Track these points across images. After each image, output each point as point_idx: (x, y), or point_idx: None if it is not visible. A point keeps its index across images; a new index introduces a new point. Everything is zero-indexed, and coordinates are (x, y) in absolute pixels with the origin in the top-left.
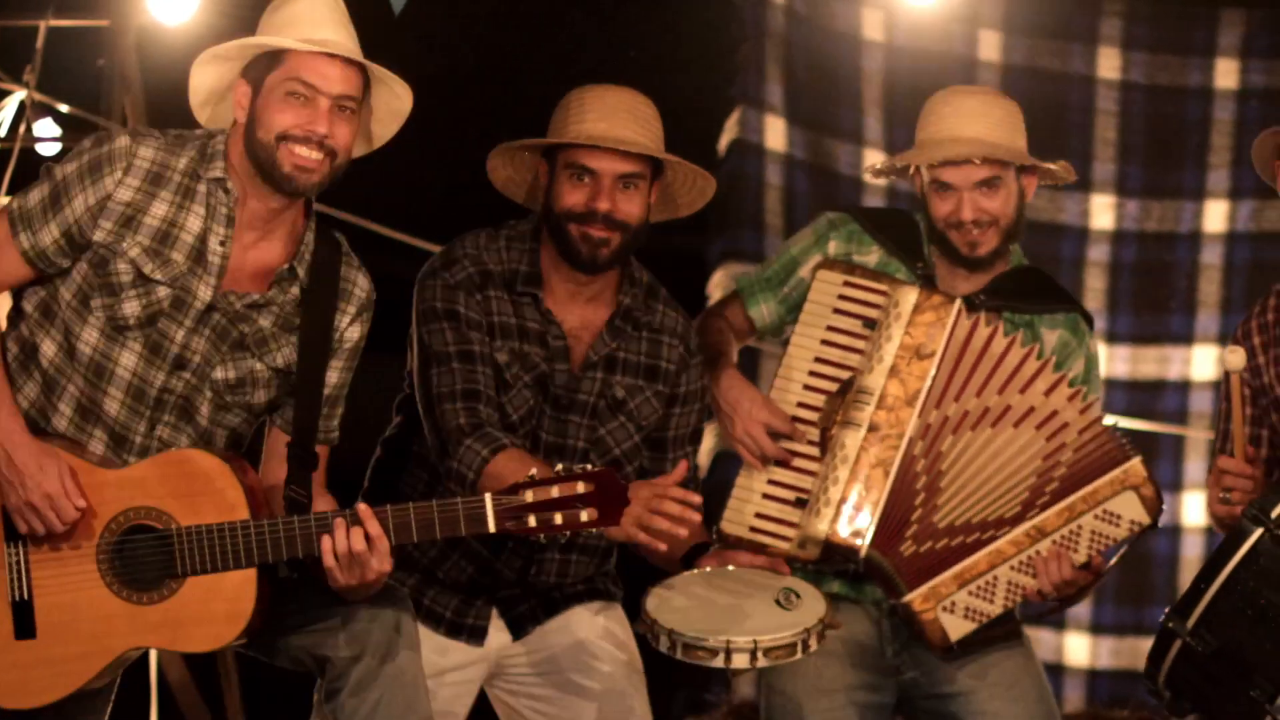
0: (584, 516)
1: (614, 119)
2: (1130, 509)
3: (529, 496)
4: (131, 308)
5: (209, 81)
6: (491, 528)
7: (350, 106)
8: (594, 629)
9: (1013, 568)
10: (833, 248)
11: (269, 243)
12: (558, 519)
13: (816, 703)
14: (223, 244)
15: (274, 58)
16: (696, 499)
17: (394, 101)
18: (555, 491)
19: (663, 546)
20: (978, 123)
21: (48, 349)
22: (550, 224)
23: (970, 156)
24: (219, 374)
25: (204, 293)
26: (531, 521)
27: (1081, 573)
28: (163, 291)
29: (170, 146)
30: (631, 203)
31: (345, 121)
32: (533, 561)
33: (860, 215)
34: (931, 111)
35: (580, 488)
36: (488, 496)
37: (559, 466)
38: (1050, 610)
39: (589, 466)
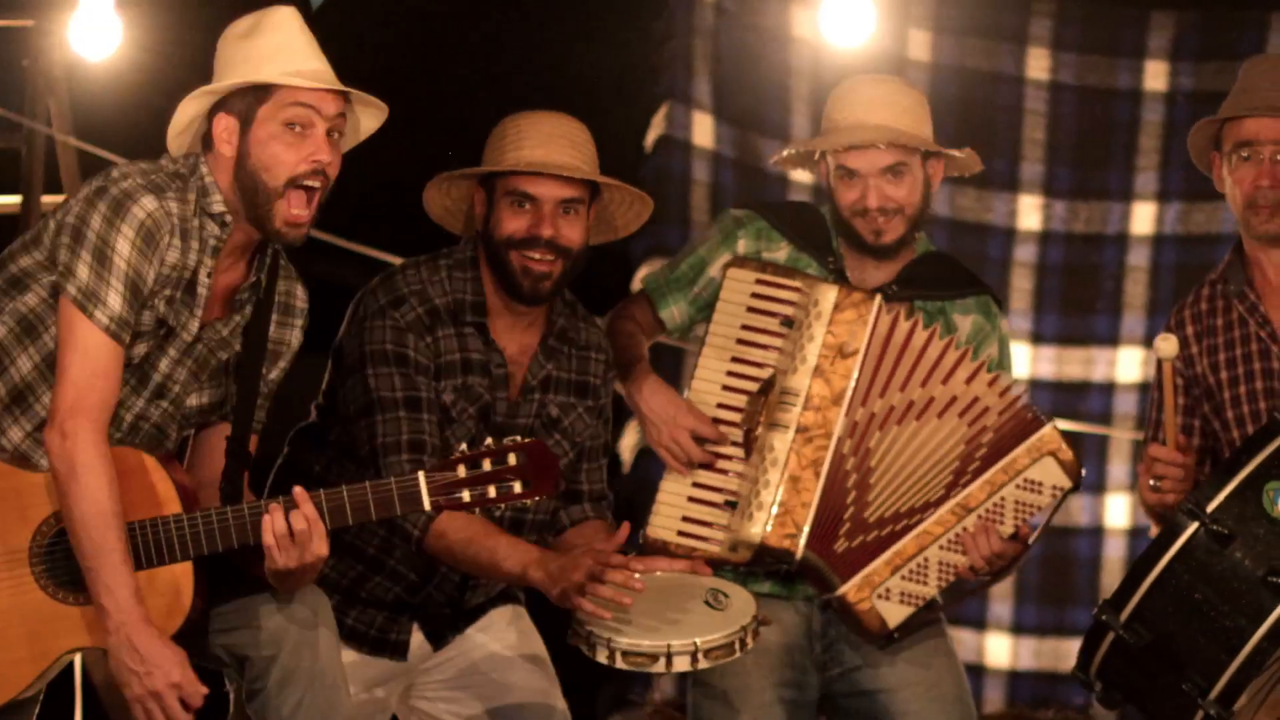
0: (517, 488)
1: (551, 145)
2: (1050, 475)
3: (462, 471)
4: (140, 349)
5: (191, 113)
6: (427, 505)
7: (341, 130)
8: (510, 632)
9: (942, 547)
10: (741, 245)
11: (239, 265)
12: (491, 492)
13: (744, 700)
14: (209, 275)
15: (261, 90)
16: (639, 583)
17: (369, 121)
18: (487, 464)
19: (607, 615)
20: (884, 110)
21: (23, 364)
22: (490, 252)
23: (876, 142)
24: (193, 401)
25: (194, 325)
26: (466, 496)
27: (1010, 544)
28: (163, 330)
29: (180, 194)
30: (573, 228)
31: (334, 146)
32: (467, 587)
33: (767, 211)
34: (838, 99)
35: (511, 459)
36: (421, 474)
37: (489, 440)
38: (983, 585)
39: (519, 439)
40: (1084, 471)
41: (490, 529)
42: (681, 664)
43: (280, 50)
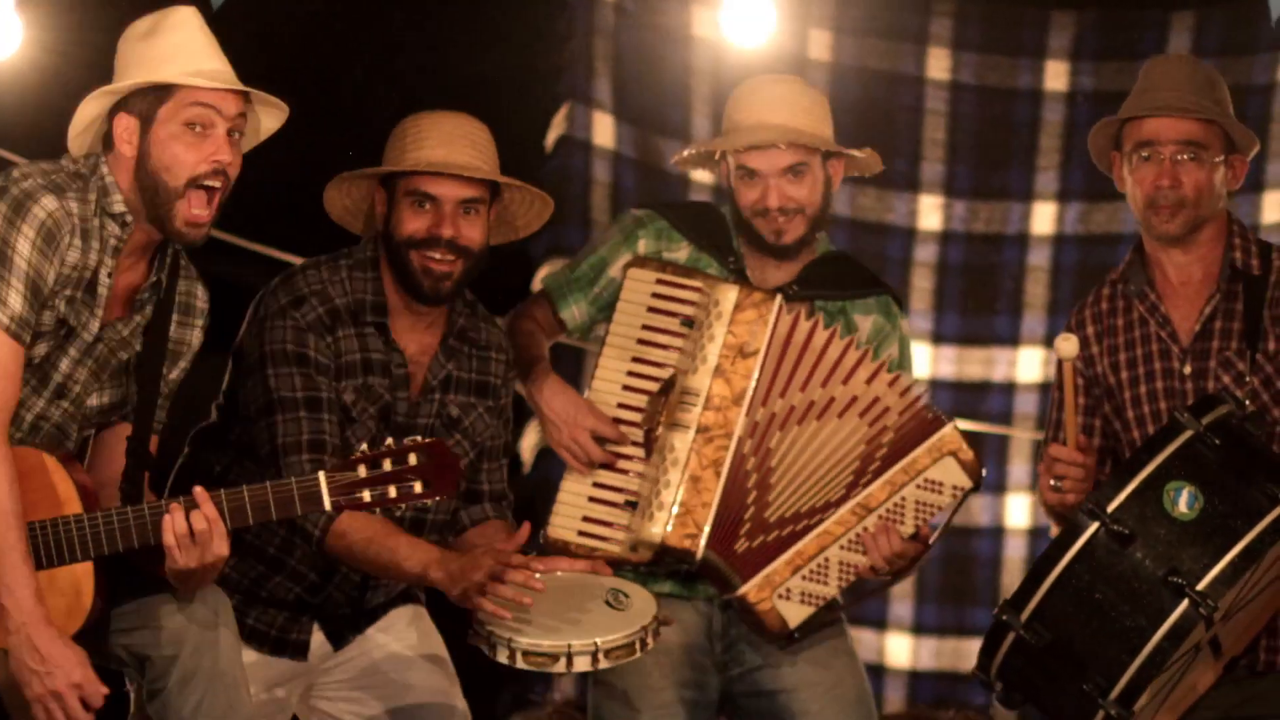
0: (417, 488)
1: (452, 145)
2: (951, 475)
3: (362, 471)
4: (41, 350)
5: (91, 113)
6: (327, 505)
7: (241, 129)
8: (411, 632)
9: (842, 547)
10: (642, 245)
11: (139, 265)
12: (392, 492)
13: (645, 700)
14: (109, 275)
15: (162, 91)
16: (539, 584)
17: (269, 121)
18: (387, 464)
19: (507, 615)
20: (784, 110)
21: None
22: (390, 251)
23: (776, 142)
24: (94, 401)
25: (94, 325)
26: (366, 496)
27: (910, 544)
28: (64, 330)
29: (81, 194)
30: (473, 228)
31: (235, 146)
32: (367, 587)
33: (667, 211)
34: (739, 99)
35: (411, 459)
36: (322, 474)
37: (389, 440)
38: (884, 585)
39: (419, 439)
40: (984, 471)
41: (391, 529)
42: (582, 664)
43: (180, 50)
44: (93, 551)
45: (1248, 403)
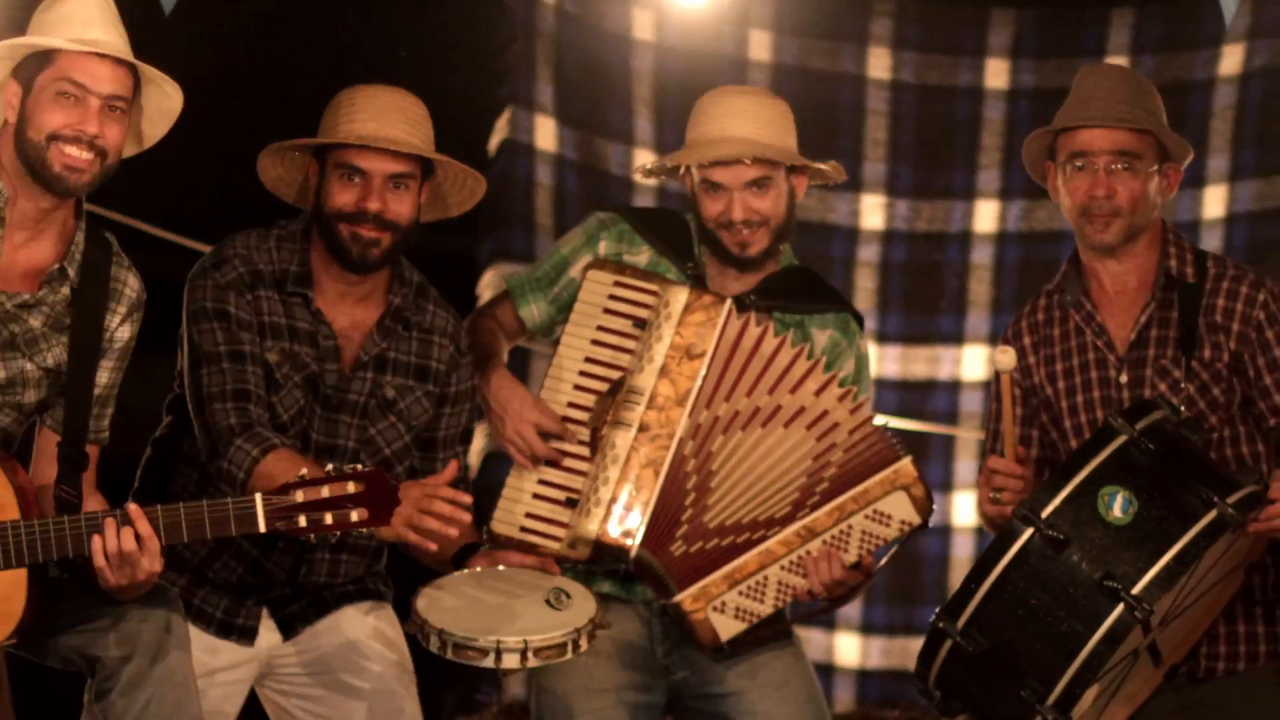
0: (354, 516)
1: (384, 119)
2: (900, 509)
3: (299, 496)
4: None
5: None
6: (262, 527)
7: (121, 106)
8: (364, 629)
9: (783, 567)
10: (603, 248)
11: (39, 242)
12: (328, 519)
13: (586, 703)
14: None
15: (44, 57)
16: (467, 499)
17: (164, 101)
18: (325, 491)
19: (433, 546)
20: (748, 123)
21: None
22: (321, 224)
23: (740, 156)
24: (30, 398)
25: None
26: (302, 521)
27: (852, 573)
28: None
29: None
30: (402, 203)
31: (116, 121)
32: (303, 561)
33: (631, 215)
34: (702, 111)
35: (350, 487)
36: (258, 496)
37: (329, 466)
38: (821, 610)
39: (359, 466)
40: (933, 509)
41: (316, 470)
42: (511, 660)
43: (70, 18)
44: (27, 559)
45: (1182, 408)
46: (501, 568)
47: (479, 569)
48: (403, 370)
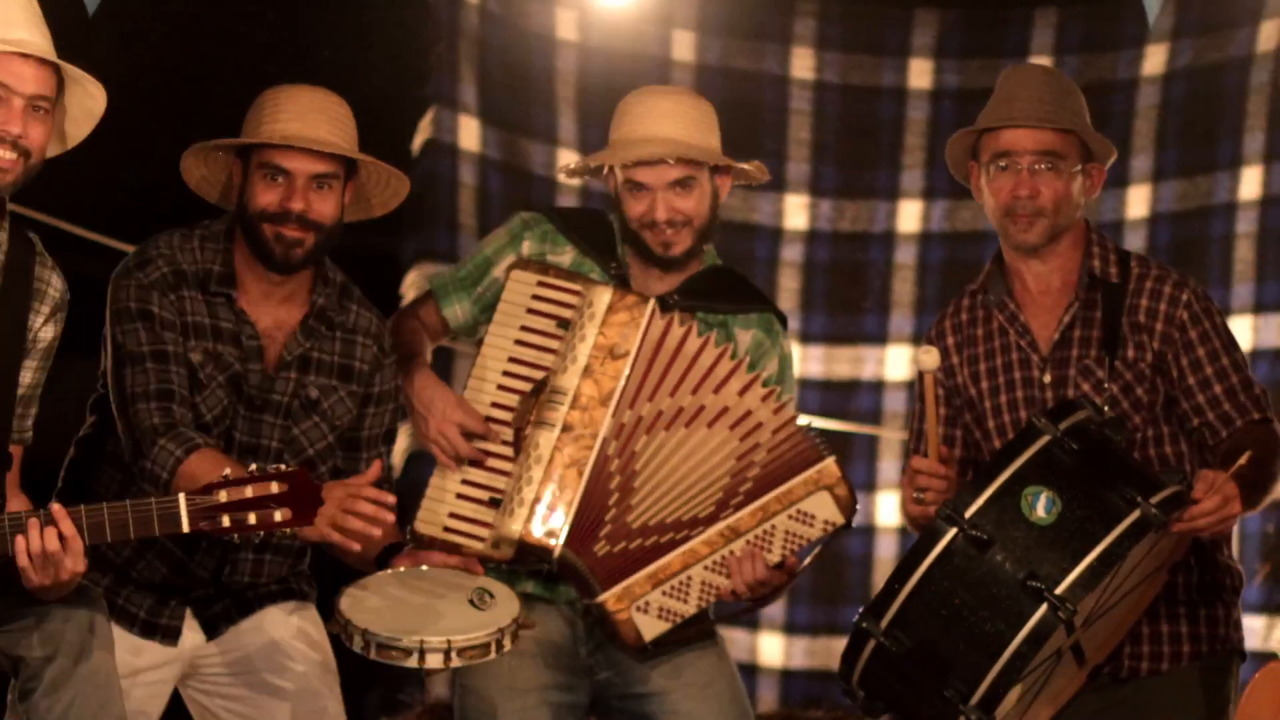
0: (278, 516)
1: (307, 119)
2: (824, 509)
3: (223, 496)
4: None
5: None
6: (185, 528)
7: (45, 106)
8: (287, 629)
9: (706, 568)
10: (527, 248)
11: None
12: (252, 519)
13: (510, 703)
14: None
15: None
16: (390, 498)
17: (88, 101)
18: (249, 491)
19: (356, 546)
20: (671, 123)
21: None
22: (244, 224)
23: (664, 156)
24: None
25: None
26: (226, 521)
27: (775, 573)
28: None
29: None
30: (325, 203)
31: (40, 121)
32: (226, 561)
33: (554, 215)
34: (625, 111)
35: (274, 488)
36: (181, 496)
37: (253, 466)
38: (745, 610)
39: (283, 467)
40: (857, 509)
41: (240, 471)
42: (434, 661)
43: None
44: None
45: (1106, 409)
46: (425, 568)
47: (402, 569)
48: (326, 370)
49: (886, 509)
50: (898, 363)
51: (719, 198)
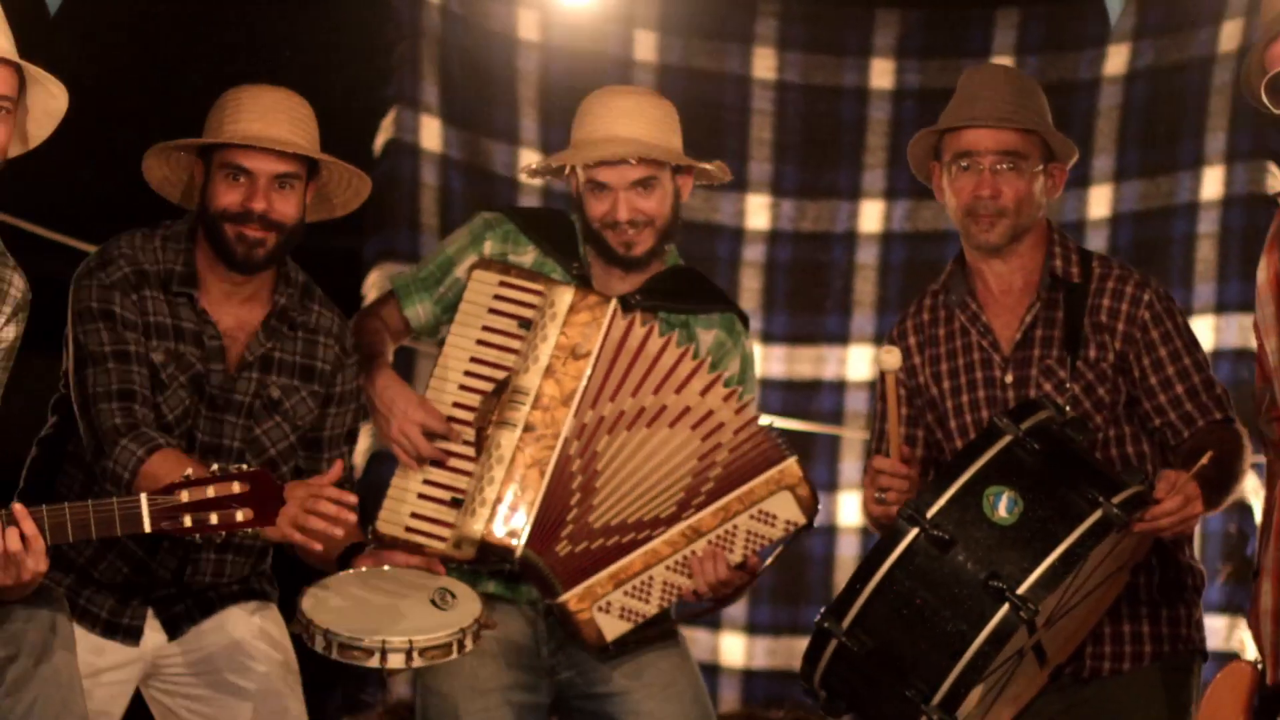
0: (240, 516)
1: (269, 119)
2: (786, 509)
3: (185, 496)
4: None
5: None
6: (147, 527)
7: (6, 107)
8: (249, 629)
9: (668, 568)
10: (488, 248)
11: None
12: (213, 519)
13: (472, 703)
14: None
15: None
16: (352, 499)
17: (50, 102)
18: (211, 491)
19: (318, 546)
20: (633, 123)
21: None
22: (206, 224)
23: (626, 156)
24: None
25: None
26: (187, 521)
27: (737, 573)
28: None
29: None
30: (287, 203)
31: (1, 122)
32: (188, 561)
33: (516, 215)
34: (587, 111)
35: (236, 487)
36: (143, 496)
37: (215, 466)
38: (706, 610)
39: (244, 466)
40: (819, 509)
41: (201, 471)
42: (396, 661)
43: None
44: None
45: (1068, 409)
46: (387, 568)
47: (364, 569)
48: (288, 370)
49: (848, 509)
50: (859, 363)
51: (681, 198)
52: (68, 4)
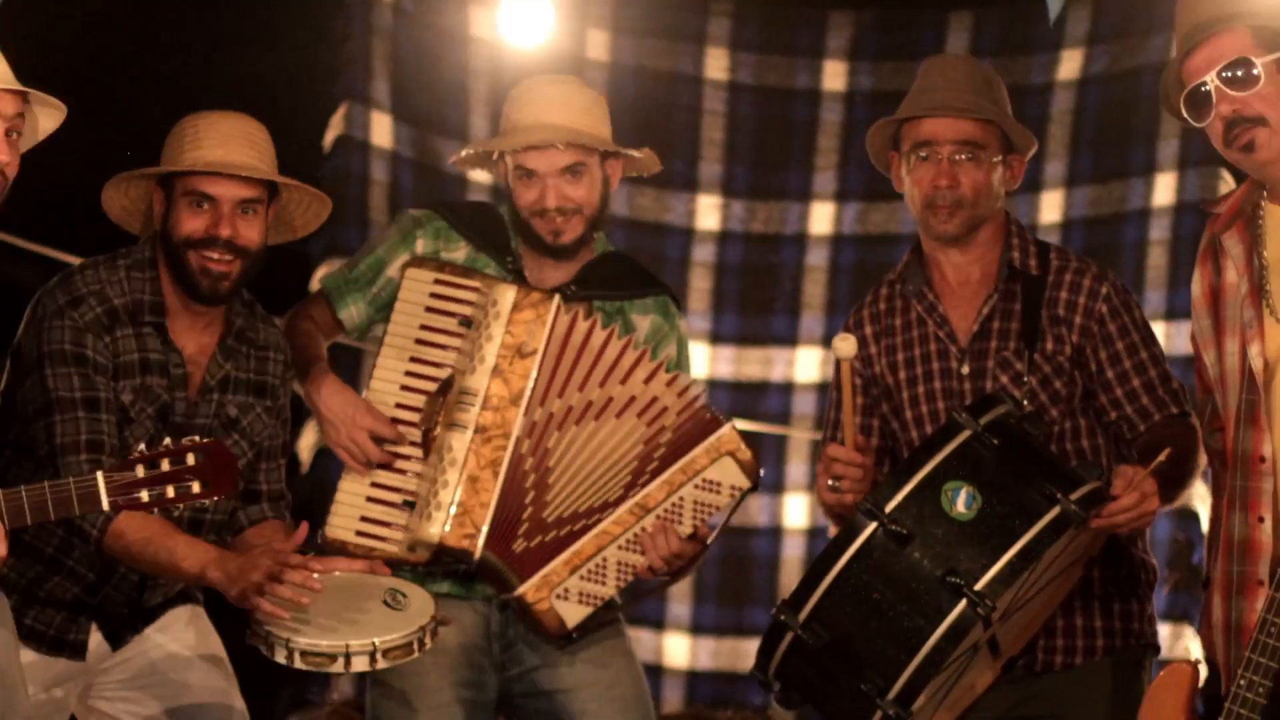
0: (196, 488)
1: (230, 145)
2: (729, 475)
3: (140, 471)
4: None
5: None
6: (105, 505)
7: (18, 129)
8: (189, 632)
9: (620, 547)
10: (420, 245)
11: None
12: (170, 492)
13: (422, 700)
14: None
15: None
16: (317, 583)
17: (47, 122)
18: (165, 464)
19: (285, 615)
20: (562, 110)
21: None
22: (168, 251)
23: (554, 142)
24: None
25: None
26: (144, 496)
27: (688, 543)
28: None
29: None
30: (251, 228)
31: (10, 145)
32: (145, 587)
33: (445, 211)
34: (516, 99)
35: (190, 459)
36: (99, 474)
37: (167, 440)
38: (663, 585)
39: (196, 439)
40: (762, 471)
41: (169, 529)
42: (360, 664)
43: None
44: None
45: (1025, 403)
46: (337, 573)
47: None
48: (244, 388)
49: (795, 510)
50: (808, 364)
51: (610, 186)
52: (8, 5)
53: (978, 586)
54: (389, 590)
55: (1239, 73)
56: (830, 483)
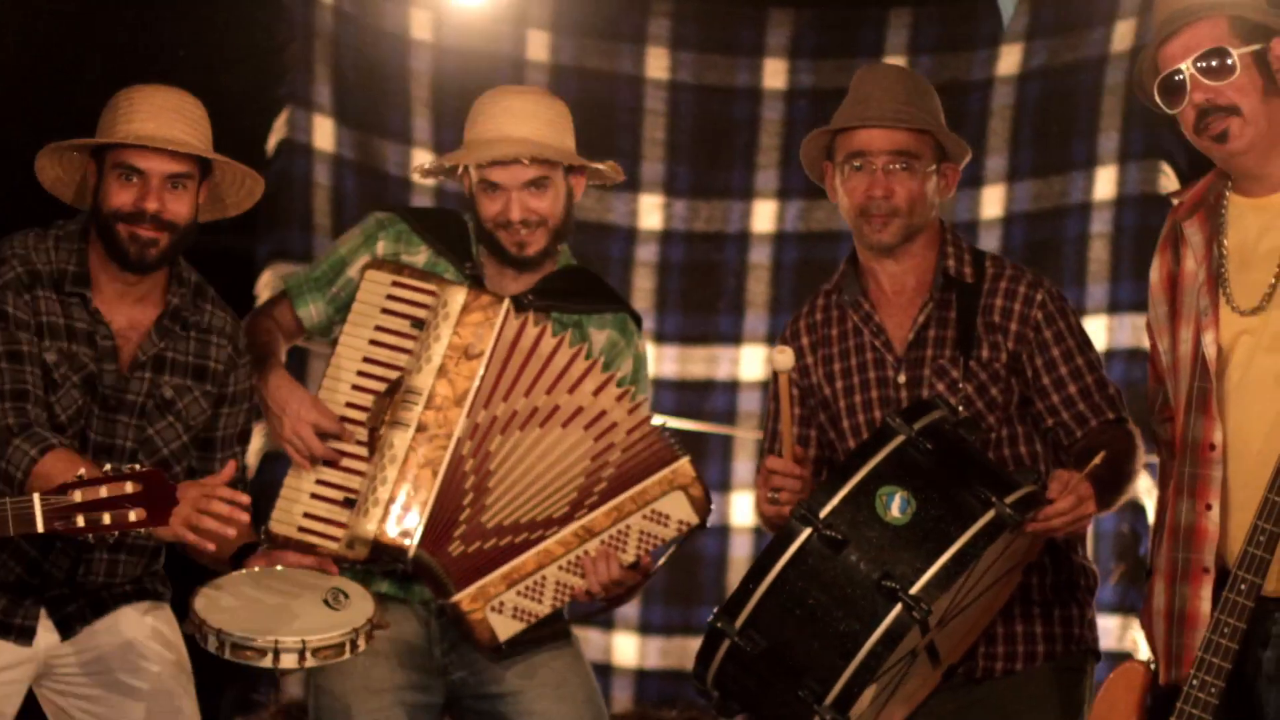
0: (132, 516)
1: (162, 119)
2: (678, 509)
3: (77, 496)
4: None
5: None
6: (40, 527)
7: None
8: (142, 629)
9: (561, 568)
10: (381, 248)
11: None
12: (106, 519)
13: (364, 703)
14: None
15: None
16: (245, 499)
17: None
18: (104, 491)
19: (211, 546)
20: (526, 123)
21: None
22: (99, 224)
23: (518, 156)
24: None
25: None
26: (80, 521)
27: (630, 572)
28: None
29: None
30: (180, 202)
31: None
32: (80, 561)
33: (409, 215)
34: (480, 111)
35: (128, 488)
36: (36, 496)
37: (108, 467)
38: (600, 610)
39: (137, 467)
40: (711, 509)
41: (94, 471)
42: (289, 661)
43: None
44: None
45: (960, 408)
46: (280, 568)
47: (257, 569)
48: (181, 370)
49: (741, 509)
50: (752, 363)
51: (574, 198)
52: None
53: (913, 591)
54: (331, 589)
55: (1214, 63)
56: (770, 495)
